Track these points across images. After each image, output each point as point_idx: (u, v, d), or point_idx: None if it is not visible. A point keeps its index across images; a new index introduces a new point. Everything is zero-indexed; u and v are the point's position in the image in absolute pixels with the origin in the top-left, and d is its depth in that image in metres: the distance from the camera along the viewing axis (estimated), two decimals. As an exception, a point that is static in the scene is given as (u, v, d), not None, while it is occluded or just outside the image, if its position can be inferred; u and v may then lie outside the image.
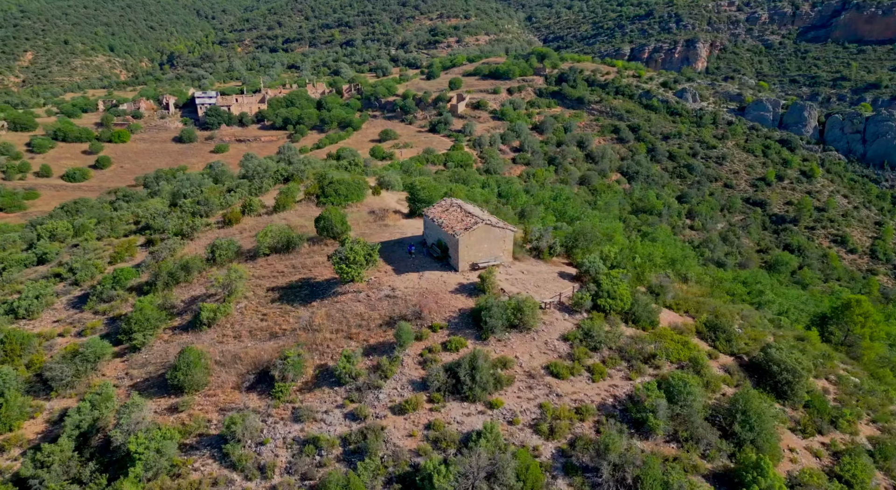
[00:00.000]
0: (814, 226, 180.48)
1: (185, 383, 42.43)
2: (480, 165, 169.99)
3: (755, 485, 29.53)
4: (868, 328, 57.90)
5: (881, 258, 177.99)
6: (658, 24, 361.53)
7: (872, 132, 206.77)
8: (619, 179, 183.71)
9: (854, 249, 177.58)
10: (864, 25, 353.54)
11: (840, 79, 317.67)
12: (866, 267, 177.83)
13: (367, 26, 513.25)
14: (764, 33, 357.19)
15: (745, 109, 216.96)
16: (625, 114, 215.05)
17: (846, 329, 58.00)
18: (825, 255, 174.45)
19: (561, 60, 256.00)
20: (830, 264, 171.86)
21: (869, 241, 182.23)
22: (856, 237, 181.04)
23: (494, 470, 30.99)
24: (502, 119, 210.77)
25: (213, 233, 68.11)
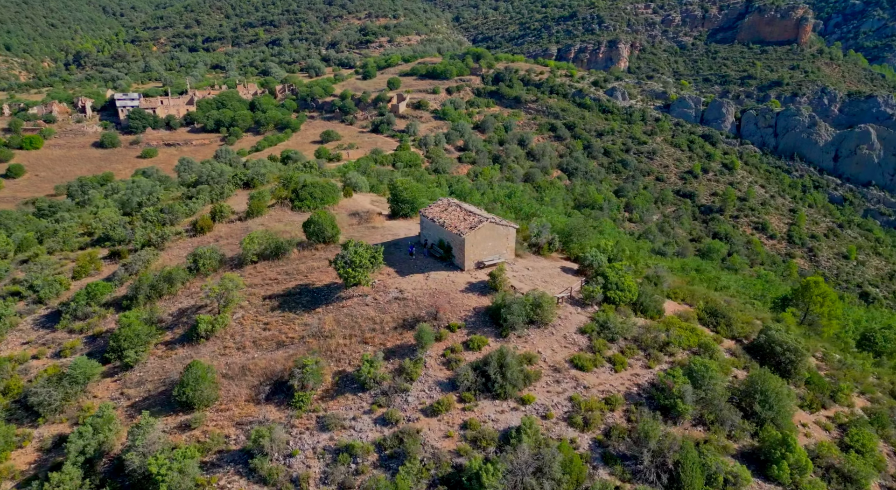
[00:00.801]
0: (737, 214, 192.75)
1: (195, 399, 40.76)
2: (428, 165, 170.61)
3: (784, 461, 31.85)
4: (826, 307, 62.78)
5: (797, 242, 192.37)
6: (582, 25, 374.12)
7: (783, 126, 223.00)
8: (560, 176, 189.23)
9: (774, 235, 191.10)
10: (765, 27, 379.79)
11: (747, 77, 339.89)
12: (785, 251, 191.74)
13: (293, 25, 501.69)
14: (678, 35, 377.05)
15: (670, 106, 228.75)
16: (560, 112, 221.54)
17: (806, 308, 62.76)
18: (749, 242, 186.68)
19: (496, 60, 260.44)
20: (755, 250, 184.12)
21: (785, 227, 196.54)
22: (774, 224, 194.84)
23: (541, 465, 31.81)
24: (444, 119, 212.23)
25: (184, 242, 65.39)
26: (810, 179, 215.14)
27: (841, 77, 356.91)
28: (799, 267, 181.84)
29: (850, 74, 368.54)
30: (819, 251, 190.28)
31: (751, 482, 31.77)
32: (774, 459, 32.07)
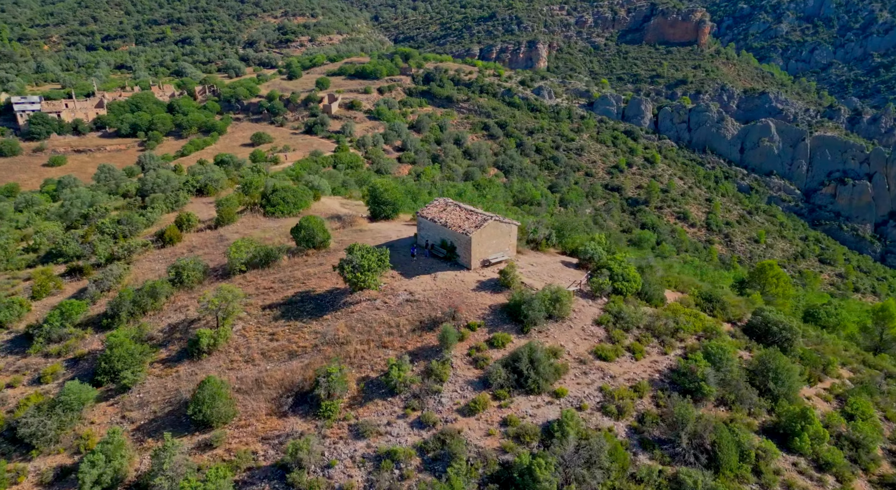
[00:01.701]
0: (661, 205, 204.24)
1: (212, 417, 39.07)
2: (368, 166, 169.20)
3: (805, 432, 34.75)
4: (780, 288, 68.38)
5: (714, 229, 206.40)
6: (501, 25, 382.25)
7: (695, 121, 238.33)
8: (497, 174, 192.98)
9: (694, 223, 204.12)
10: (668, 29, 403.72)
11: (656, 76, 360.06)
12: (705, 238, 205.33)
13: (203, 23, 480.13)
14: (591, 36, 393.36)
15: (594, 104, 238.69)
16: (491, 111, 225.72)
17: (762, 289, 67.98)
18: (674, 231, 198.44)
19: (424, 60, 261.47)
20: (679, 238, 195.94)
21: (704, 215, 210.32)
22: (694, 213, 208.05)
23: (590, 455, 32.99)
24: (378, 119, 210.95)
25: (152, 254, 61.99)
26: (721, 171, 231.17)
27: (737, 75, 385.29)
28: (718, 252, 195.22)
29: (744, 73, 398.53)
30: (734, 236, 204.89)
31: (778, 455, 34.43)
32: (796, 432, 34.90)
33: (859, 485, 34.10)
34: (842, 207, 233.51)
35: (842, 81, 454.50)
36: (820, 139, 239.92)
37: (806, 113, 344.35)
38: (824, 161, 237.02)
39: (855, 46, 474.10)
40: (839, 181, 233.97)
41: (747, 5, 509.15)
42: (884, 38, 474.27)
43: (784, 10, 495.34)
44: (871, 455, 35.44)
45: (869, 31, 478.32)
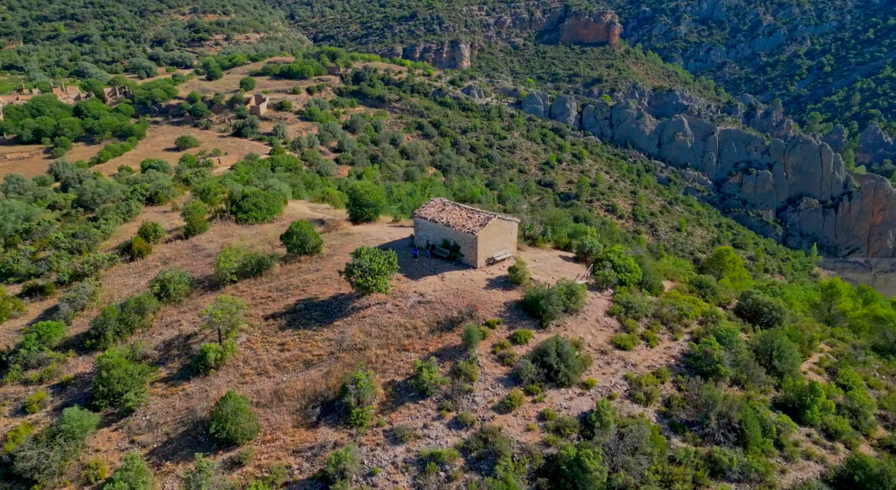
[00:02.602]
0: (591, 199, 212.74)
1: (237, 433, 37.48)
2: (307, 168, 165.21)
3: (814, 405, 37.85)
4: (736, 272, 73.47)
5: (641, 220, 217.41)
6: (423, 25, 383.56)
7: (616, 118, 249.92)
8: (436, 173, 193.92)
9: (622, 215, 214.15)
10: (582, 30, 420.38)
11: (573, 75, 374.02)
12: (633, 228, 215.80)
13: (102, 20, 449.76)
14: (510, 36, 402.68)
15: (522, 103, 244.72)
16: (424, 111, 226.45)
17: (719, 273, 72.76)
18: (605, 223, 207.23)
19: (352, 59, 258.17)
20: (610, 229, 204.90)
21: (630, 207, 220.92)
22: (621, 205, 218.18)
23: (633, 442, 34.44)
24: (310, 120, 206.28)
25: (120, 268, 58.19)
26: (642, 164, 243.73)
27: (645, 74, 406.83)
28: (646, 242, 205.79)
29: (652, 72, 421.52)
30: (658, 226, 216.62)
31: (796, 428, 37.34)
32: (806, 405, 37.93)
33: (864, 449, 37.58)
34: (748, 195, 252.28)
35: (735, 79, 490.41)
36: (726, 133, 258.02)
37: (708, 109, 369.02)
38: (731, 153, 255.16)
39: (744, 47, 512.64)
40: (744, 171, 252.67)
41: (649, 8, 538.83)
42: (768, 39, 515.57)
43: (682, 13, 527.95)
44: (869, 421, 39.11)
45: (756, 33, 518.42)
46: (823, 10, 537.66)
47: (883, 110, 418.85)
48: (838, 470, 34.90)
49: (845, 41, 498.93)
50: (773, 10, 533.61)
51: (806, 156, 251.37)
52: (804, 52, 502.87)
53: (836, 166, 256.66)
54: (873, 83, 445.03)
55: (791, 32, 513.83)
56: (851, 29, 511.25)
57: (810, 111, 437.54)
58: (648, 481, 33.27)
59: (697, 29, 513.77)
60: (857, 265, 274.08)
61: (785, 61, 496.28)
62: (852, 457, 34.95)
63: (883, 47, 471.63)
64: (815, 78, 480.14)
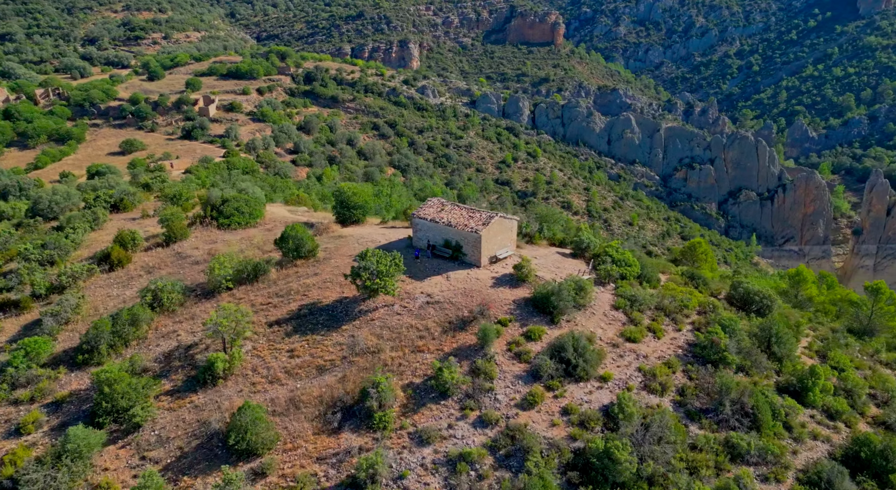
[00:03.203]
0: (547, 196, 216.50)
1: (257, 444, 36.53)
2: (264, 171, 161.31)
3: (816, 387, 40.01)
4: (708, 263, 76.53)
5: (595, 215, 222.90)
6: (371, 24, 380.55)
7: (568, 117, 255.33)
8: (395, 173, 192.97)
9: (577, 211, 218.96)
10: (528, 30, 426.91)
11: (521, 75, 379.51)
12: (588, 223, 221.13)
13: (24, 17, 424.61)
14: (458, 36, 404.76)
15: (476, 102, 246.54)
16: (379, 111, 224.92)
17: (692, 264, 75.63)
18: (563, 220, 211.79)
19: (302, 59, 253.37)
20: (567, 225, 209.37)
21: (584, 203, 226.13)
22: (576, 201, 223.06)
23: (659, 432, 35.49)
24: (263, 121, 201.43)
25: (100, 279, 55.54)
26: (593, 161, 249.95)
27: (590, 73, 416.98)
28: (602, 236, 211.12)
29: (596, 71, 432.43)
30: (611, 221, 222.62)
31: (802, 410, 39.37)
32: (808, 387, 40.03)
33: (862, 427, 40.01)
34: (692, 189, 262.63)
35: (672, 78, 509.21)
36: (671, 130, 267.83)
37: (650, 107, 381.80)
38: (676, 149, 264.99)
39: (680, 47, 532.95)
40: (689, 166, 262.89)
41: (589, 9, 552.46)
42: (701, 40, 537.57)
43: (620, 14, 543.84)
44: (862, 400, 41.64)
45: (689, 34, 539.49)
46: (750, 13, 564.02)
47: (807, 107, 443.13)
48: (844, 448, 37.04)
49: (771, 42, 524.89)
50: (704, 13, 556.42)
51: (744, 151, 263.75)
52: (734, 52, 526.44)
53: (770, 160, 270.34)
54: (797, 81, 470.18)
55: (722, 33, 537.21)
56: (776, 30, 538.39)
57: (742, 108, 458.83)
58: (675, 469, 34.42)
59: (636, 30, 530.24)
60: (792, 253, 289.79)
61: (717, 61, 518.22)
62: (857, 435, 37.16)
63: (805, 48, 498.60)
64: (745, 77, 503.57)
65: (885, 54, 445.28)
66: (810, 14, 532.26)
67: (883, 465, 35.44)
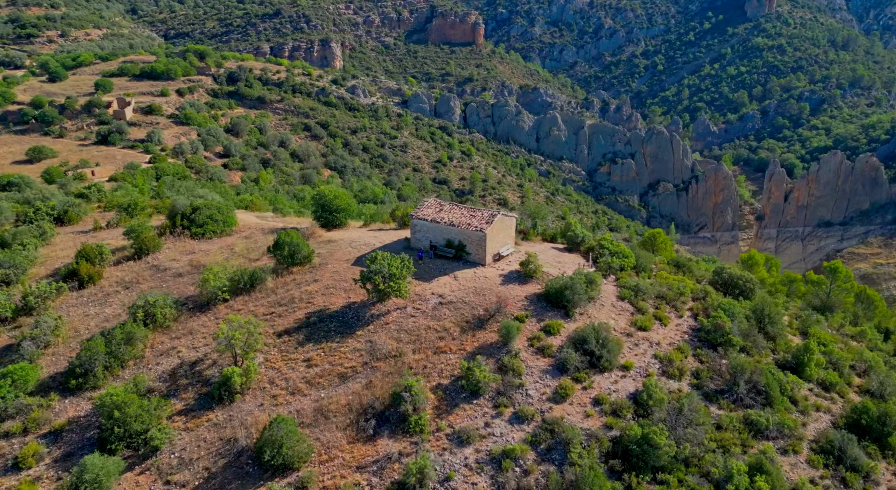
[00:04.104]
0: (484, 194, 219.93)
1: (294, 458, 35.23)
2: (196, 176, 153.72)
3: (811, 363, 43.27)
4: (666, 253, 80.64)
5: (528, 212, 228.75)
6: (290, 23, 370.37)
7: (498, 116, 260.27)
8: (332, 175, 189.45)
9: (513, 208, 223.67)
10: (449, 30, 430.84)
11: (446, 74, 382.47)
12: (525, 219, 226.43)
13: None
14: (380, 35, 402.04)
15: (408, 102, 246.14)
16: (309, 111, 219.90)
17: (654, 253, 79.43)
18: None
19: (223, 58, 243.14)
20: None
21: (519, 200, 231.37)
22: (511, 198, 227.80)
23: (690, 416, 37.20)
24: (187, 124, 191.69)
25: (71, 298, 51.35)
26: (524, 159, 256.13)
27: (511, 73, 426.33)
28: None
29: (517, 71, 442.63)
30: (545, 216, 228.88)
31: (804, 385, 42.48)
32: (804, 363, 43.24)
33: (852, 396, 43.70)
34: (616, 183, 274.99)
35: (586, 77, 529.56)
36: (594, 127, 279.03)
37: (569, 105, 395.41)
38: (599, 145, 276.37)
39: (591, 48, 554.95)
40: (612, 161, 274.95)
41: (505, 10, 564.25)
42: (610, 40, 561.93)
43: (535, 15, 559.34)
44: (847, 372, 45.45)
45: (599, 35, 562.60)
46: (652, 15, 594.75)
47: (707, 103, 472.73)
48: (846, 417, 40.35)
49: (672, 43, 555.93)
50: (612, 15, 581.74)
51: (660, 145, 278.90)
52: (640, 52, 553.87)
53: (684, 154, 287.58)
54: (697, 80, 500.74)
55: (628, 34, 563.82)
56: (676, 32, 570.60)
57: (650, 105, 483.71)
58: (709, 449, 36.28)
59: (550, 30, 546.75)
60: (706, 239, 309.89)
61: (626, 61, 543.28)
62: (856, 404, 40.58)
63: (702, 48, 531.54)
64: (652, 75, 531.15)
65: (771, 54, 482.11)
66: (705, 17, 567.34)
67: (881, 430, 38.95)
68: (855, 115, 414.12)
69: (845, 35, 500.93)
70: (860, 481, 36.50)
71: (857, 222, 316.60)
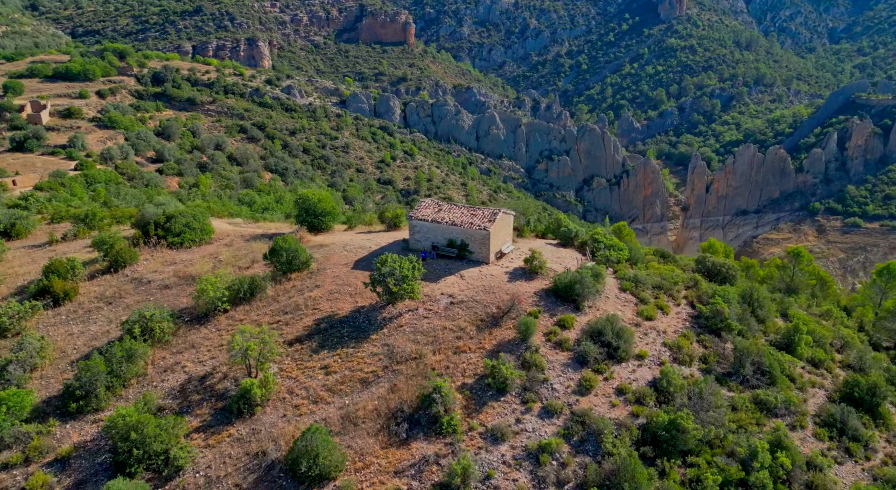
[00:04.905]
0: (429, 193, 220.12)
1: (331, 467, 34.32)
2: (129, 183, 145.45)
3: (801, 342, 46.23)
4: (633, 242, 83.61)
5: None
6: (213, 21, 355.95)
7: (438, 115, 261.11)
8: (274, 177, 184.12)
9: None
10: (380, 29, 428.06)
11: (379, 74, 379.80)
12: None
13: None
14: (309, 34, 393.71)
15: (346, 102, 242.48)
16: (244, 113, 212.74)
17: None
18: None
19: (146, 58, 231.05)
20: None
21: (464, 198, 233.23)
22: (456, 197, 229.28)
23: (711, 399, 38.94)
24: (112, 127, 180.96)
25: (47, 317, 47.67)
26: (465, 158, 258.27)
27: (444, 72, 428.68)
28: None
29: (449, 70, 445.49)
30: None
31: (798, 363, 45.29)
32: (795, 342, 46.17)
33: (838, 371, 47.06)
34: (553, 179, 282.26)
35: (515, 77, 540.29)
36: (531, 125, 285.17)
37: (502, 104, 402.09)
38: (536, 143, 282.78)
39: (518, 48, 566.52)
40: (549, 158, 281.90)
41: (433, 10, 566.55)
42: (536, 40, 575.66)
43: (463, 15, 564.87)
44: (827, 348, 48.89)
45: (526, 35, 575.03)
46: (574, 16, 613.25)
47: (629, 101, 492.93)
48: (839, 390, 43.42)
49: (594, 43, 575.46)
50: (536, 15, 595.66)
51: (593, 142, 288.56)
52: (565, 52, 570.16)
53: (615, 149, 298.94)
54: (619, 78, 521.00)
55: (553, 35, 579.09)
56: (597, 33, 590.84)
57: (577, 104, 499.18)
58: (730, 430, 38.13)
59: (478, 30, 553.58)
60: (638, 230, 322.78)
61: (552, 60, 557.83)
62: (847, 378, 43.74)
63: (622, 48, 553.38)
64: (576, 75, 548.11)
65: (684, 54, 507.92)
66: (622, 19, 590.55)
67: (871, 401, 42.21)
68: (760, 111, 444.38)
69: (748, 36, 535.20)
70: (862, 450, 39.43)
71: (769, 210, 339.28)
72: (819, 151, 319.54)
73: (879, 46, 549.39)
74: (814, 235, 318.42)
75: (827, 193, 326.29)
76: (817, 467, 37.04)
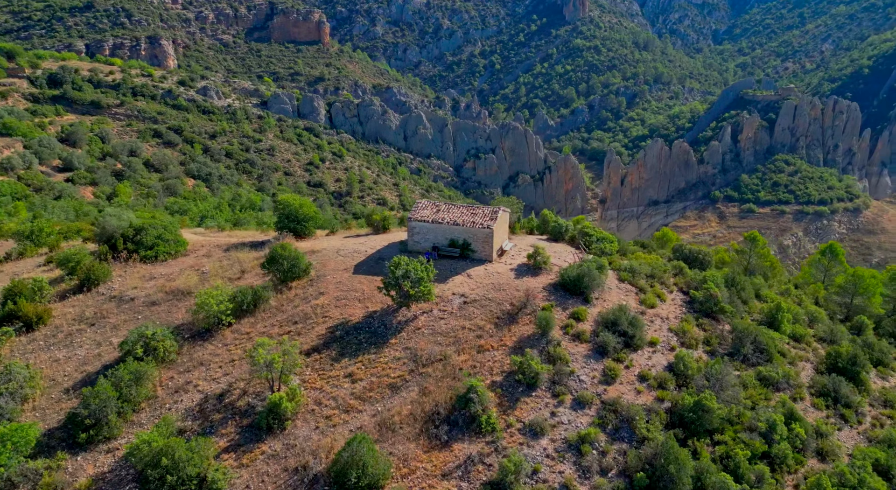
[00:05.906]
0: (362, 195, 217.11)
1: (379, 475, 33.41)
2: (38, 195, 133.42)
3: (784, 320, 49.74)
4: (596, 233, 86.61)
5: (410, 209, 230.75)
6: (107, 18, 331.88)
7: (364, 115, 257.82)
8: (198, 184, 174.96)
9: (393, 207, 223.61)
10: (293, 28, 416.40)
11: (295, 74, 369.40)
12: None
13: None
14: (217, 33, 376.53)
15: (268, 103, 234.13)
16: (157, 116, 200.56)
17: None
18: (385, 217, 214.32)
19: (38, 58, 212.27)
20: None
21: (397, 198, 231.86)
22: (389, 197, 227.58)
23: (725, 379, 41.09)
24: (8, 135, 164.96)
25: (21, 343, 43.26)
26: (394, 158, 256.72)
27: (362, 72, 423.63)
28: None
29: (367, 70, 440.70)
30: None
31: (784, 339, 48.65)
32: (779, 320, 49.63)
33: (816, 344, 51.02)
34: (481, 177, 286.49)
35: (432, 77, 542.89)
36: (457, 124, 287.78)
37: (422, 104, 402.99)
38: (463, 142, 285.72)
39: (433, 47, 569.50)
40: (475, 157, 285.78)
41: (344, 9, 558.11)
42: (450, 40, 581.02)
43: (376, 14, 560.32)
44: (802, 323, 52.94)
45: (439, 36, 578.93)
46: (485, 17, 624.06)
47: (542, 99, 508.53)
48: (823, 362, 47.12)
49: (505, 43, 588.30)
50: (449, 16, 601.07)
51: (516, 140, 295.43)
52: (478, 52, 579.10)
53: (537, 147, 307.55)
54: (531, 78, 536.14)
55: (466, 35, 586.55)
56: (508, 33, 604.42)
57: (493, 103, 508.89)
58: (746, 407, 40.48)
59: (392, 30, 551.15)
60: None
61: (466, 60, 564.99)
62: (829, 349, 47.51)
63: (532, 49, 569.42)
64: (491, 74, 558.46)
65: (589, 54, 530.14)
66: (531, 20, 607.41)
67: (853, 370, 46.12)
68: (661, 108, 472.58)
69: (644, 38, 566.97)
70: (854, 415, 43.05)
71: (676, 200, 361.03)
72: (717, 144, 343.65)
73: (756, 47, 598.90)
74: (716, 221, 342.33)
75: (725, 182, 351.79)
76: (823, 435, 40.07)
